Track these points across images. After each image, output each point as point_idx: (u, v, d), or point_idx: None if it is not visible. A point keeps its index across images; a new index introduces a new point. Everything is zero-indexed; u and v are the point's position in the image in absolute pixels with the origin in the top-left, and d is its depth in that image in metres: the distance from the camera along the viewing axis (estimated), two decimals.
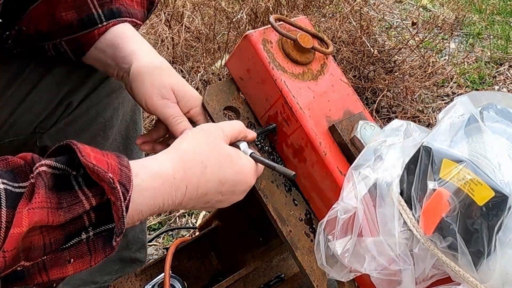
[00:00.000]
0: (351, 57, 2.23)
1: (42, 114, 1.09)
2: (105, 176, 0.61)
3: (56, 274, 0.62)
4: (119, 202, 0.62)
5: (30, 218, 0.57)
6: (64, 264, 0.62)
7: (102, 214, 0.64)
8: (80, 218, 0.62)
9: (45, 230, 0.60)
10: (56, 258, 0.61)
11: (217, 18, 2.46)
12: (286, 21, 0.90)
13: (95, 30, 0.97)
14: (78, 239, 0.62)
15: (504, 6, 3.33)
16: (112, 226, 0.63)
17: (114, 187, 0.62)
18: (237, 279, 1.09)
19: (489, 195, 0.65)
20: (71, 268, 0.63)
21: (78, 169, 0.64)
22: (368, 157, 0.79)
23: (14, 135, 1.09)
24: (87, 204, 0.62)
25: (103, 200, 0.63)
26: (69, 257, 0.62)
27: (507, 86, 2.63)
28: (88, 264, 0.64)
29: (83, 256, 0.63)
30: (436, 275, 0.74)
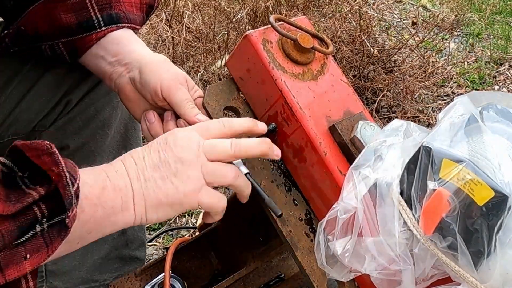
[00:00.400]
0: (351, 57, 2.23)
1: (41, 112, 1.09)
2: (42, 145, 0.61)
3: (12, 273, 0.60)
4: (61, 168, 0.61)
5: None
6: (20, 261, 0.60)
7: (54, 205, 0.62)
8: (30, 209, 0.61)
9: None
10: (11, 254, 0.59)
11: (217, 18, 2.46)
12: (286, 21, 0.90)
13: (93, 34, 0.97)
14: (33, 233, 0.60)
15: (504, 6, 3.33)
16: (65, 215, 0.62)
17: (52, 152, 0.61)
18: (237, 279, 1.09)
19: (489, 195, 0.65)
20: (28, 264, 0.61)
21: (24, 171, 0.63)
22: (368, 157, 0.79)
23: (13, 134, 1.09)
24: (36, 194, 0.61)
25: (51, 188, 0.62)
26: (24, 253, 0.60)
27: (507, 86, 2.63)
28: (46, 255, 0.62)
29: (40, 249, 0.61)
30: (436, 275, 0.74)
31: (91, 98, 1.13)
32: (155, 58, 0.95)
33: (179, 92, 0.90)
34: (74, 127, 1.14)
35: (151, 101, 0.93)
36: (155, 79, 0.91)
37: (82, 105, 1.13)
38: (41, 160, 0.62)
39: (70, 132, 1.14)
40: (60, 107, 1.10)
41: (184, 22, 2.39)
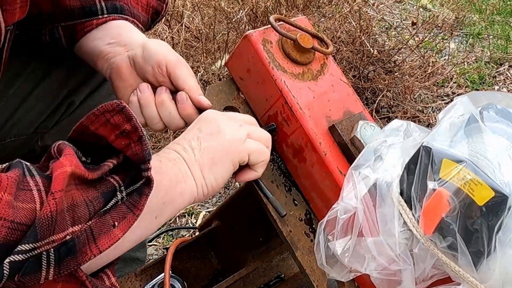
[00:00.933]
0: (351, 57, 2.23)
1: (43, 113, 1.09)
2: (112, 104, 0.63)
3: (106, 243, 0.60)
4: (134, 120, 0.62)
5: (70, 161, 0.57)
6: (110, 229, 0.61)
7: (127, 175, 0.64)
8: (107, 180, 0.62)
9: (80, 188, 0.59)
10: (100, 223, 0.60)
11: (216, 18, 2.46)
12: (286, 21, 0.90)
13: (94, 20, 0.96)
14: (115, 200, 0.62)
15: (504, 6, 3.33)
16: (140, 184, 0.63)
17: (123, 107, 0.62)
18: (237, 279, 1.09)
19: (489, 195, 0.65)
20: (118, 231, 0.61)
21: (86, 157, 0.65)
22: (368, 157, 0.79)
23: (15, 135, 1.09)
24: (110, 164, 0.63)
25: (120, 159, 0.64)
26: (112, 220, 0.61)
27: (507, 86, 2.63)
28: (134, 218, 0.63)
29: (125, 215, 0.62)
30: (436, 275, 0.74)
31: (93, 100, 1.13)
32: (158, 42, 0.93)
33: (185, 68, 0.88)
34: None
35: (151, 75, 0.90)
36: (161, 54, 0.89)
37: (85, 107, 1.12)
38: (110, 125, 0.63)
39: None
40: (62, 108, 1.10)
41: (183, 22, 2.39)
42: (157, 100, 0.87)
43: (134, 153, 0.63)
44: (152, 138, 2.06)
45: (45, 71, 1.06)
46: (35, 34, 1.00)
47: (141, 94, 0.89)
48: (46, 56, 1.04)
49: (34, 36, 1.00)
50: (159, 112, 0.87)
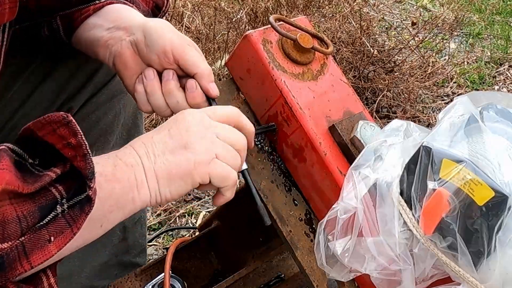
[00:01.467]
0: (351, 57, 2.23)
1: None
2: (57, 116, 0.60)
3: (38, 258, 0.58)
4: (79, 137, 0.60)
5: (1, 178, 0.54)
6: (44, 245, 0.58)
7: (72, 186, 0.61)
8: (48, 190, 0.60)
9: (15, 202, 0.57)
10: (35, 238, 0.58)
11: (217, 18, 2.46)
12: (286, 21, 0.90)
13: (91, 6, 0.93)
14: (54, 214, 0.59)
15: (504, 6, 3.33)
16: (84, 195, 0.60)
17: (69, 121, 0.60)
18: (237, 279, 1.09)
19: (489, 195, 0.65)
20: (53, 247, 0.59)
21: (34, 158, 0.62)
22: (368, 157, 0.79)
23: (14, 139, 1.08)
24: (53, 174, 0.60)
25: (66, 168, 0.61)
26: (48, 235, 0.58)
27: (507, 86, 2.63)
28: (70, 235, 0.60)
29: (63, 230, 0.60)
30: (436, 275, 0.74)
31: (92, 105, 1.11)
32: (158, 21, 0.88)
33: (192, 51, 0.83)
34: None
35: (157, 64, 0.85)
36: (164, 39, 0.84)
37: (83, 112, 1.11)
38: (56, 135, 0.60)
39: None
40: None
41: (183, 22, 2.38)
42: (164, 89, 0.83)
43: (79, 166, 0.61)
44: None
45: (43, 76, 1.05)
46: (34, 30, 0.98)
47: (146, 81, 0.84)
48: (45, 58, 1.04)
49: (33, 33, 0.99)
50: (167, 100, 0.83)
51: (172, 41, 0.83)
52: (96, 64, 1.09)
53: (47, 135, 0.61)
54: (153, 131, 0.75)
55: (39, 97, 1.06)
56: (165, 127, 0.75)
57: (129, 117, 1.18)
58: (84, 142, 0.61)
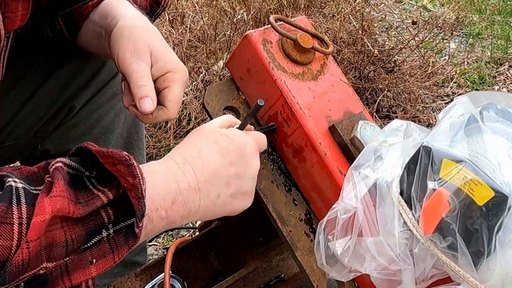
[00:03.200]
0: (352, 57, 2.23)
1: (44, 117, 1.09)
2: (120, 156, 0.60)
3: (79, 277, 0.60)
4: (137, 180, 0.60)
5: (53, 206, 0.56)
6: (86, 266, 0.60)
7: (120, 210, 0.62)
8: (98, 213, 0.61)
9: (66, 225, 0.58)
10: (78, 259, 0.59)
11: (219, 19, 2.46)
12: (286, 21, 0.90)
13: (89, 2, 0.93)
14: (99, 238, 0.60)
15: (504, 6, 3.33)
16: (131, 222, 0.62)
17: (130, 164, 0.60)
18: (237, 279, 1.09)
19: (489, 195, 0.65)
20: (94, 269, 0.61)
21: (91, 171, 0.63)
22: (368, 157, 0.79)
23: (15, 138, 1.08)
24: (104, 198, 0.61)
25: (119, 194, 0.62)
26: (91, 257, 0.60)
27: (507, 86, 2.63)
28: (112, 261, 0.62)
29: (105, 255, 0.61)
30: (436, 275, 0.74)
31: (94, 104, 1.12)
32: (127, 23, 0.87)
33: (132, 64, 0.82)
34: (76, 132, 1.13)
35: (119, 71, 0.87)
36: (115, 48, 0.84)
37: (85, 111, 1.12)
38: (116, 168, 0.61)
39: (73, 138, 1.13)
40: (63, 113, 1.10)
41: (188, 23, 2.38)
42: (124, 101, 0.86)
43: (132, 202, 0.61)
44: (152, 138, 2.06)
45: (46, 75, 1.06)
46: (36, 32, 0.99)
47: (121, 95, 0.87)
48: (48, 59, 1.04)
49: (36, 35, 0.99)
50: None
51: (118, 52, 0.84)
52: (98, 64, 1.09)
53: (107, 164, 0.62)
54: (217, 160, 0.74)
55: (42, 95, 1.06)
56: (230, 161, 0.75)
57: (130, 116, 1.19)
58: (140, 185, 0.61)
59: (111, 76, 1.12)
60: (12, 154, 1.12)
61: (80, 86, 1.09)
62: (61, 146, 1.13)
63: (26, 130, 1.08)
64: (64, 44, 1.00)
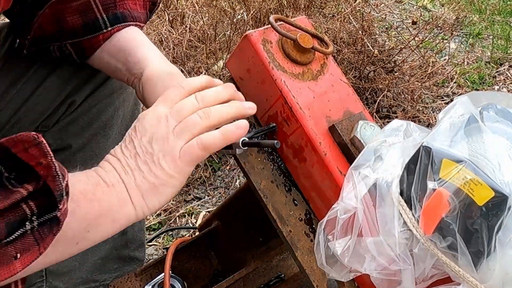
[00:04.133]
0: (352, 57, 2.23)
1: (45, 112, 1.10)
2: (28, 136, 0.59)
3: (3, 274, 0.58)
4: (49, 158, 0.59)
5: None
6: (10, 261, 0.58)
7: (43, 202, 0.61)
8: (19, 206, 0.59)
9: None
10: (0, 254, 0.57)
11: (218, 19, 2.46)
12: (286, 21, 0.90)
13: (99, 35, 0.98)
14: (22, 231, 0.59)
15: (504, 6, 3.33)
16: (55, 213, 0.60)
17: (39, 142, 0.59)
18: (237, 279, 1.09)
19: (489, 195, 0.65)
20: (19, 264, 0.58)
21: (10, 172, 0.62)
22: (368, 157, 0.79)
23: (17, 133, 1.09)
24: (24, 191, 0.60)
25: (39, 185, 0.61)
26: (14, 252, 0.58)
27: (507, 86, 2.63)
28: (37, 253, 0.60)
29: (30, 247, 0.59)
30: (436, 275, 0.74)
31: (94, 99, 1.13)
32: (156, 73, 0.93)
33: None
34: (76, 127, 1.14)
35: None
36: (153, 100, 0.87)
37: (85, 106, 1.13)
38: (28, 153, 0.60)
39: (73, 132, 1.14)
40: (63, 107, 1.11)
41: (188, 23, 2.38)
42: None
43: (50, 187, 0.60)
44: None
45: (49, 71, 1.07)
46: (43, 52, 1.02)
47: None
48: (50, 56, 1.05)
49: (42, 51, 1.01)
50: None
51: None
52: None
53: (20, 152, 0.61)
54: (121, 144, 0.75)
55: (43, 92, 1.07)
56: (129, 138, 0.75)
57: (128, 113, 1.21)
58: (53, 164, 0.60)
59: None
60: None
61: (81, 81, 1.10)
62: (62, 140, 1.14)
63: (28, 125, 1.09)
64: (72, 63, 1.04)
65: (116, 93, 1.15)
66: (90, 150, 1.18)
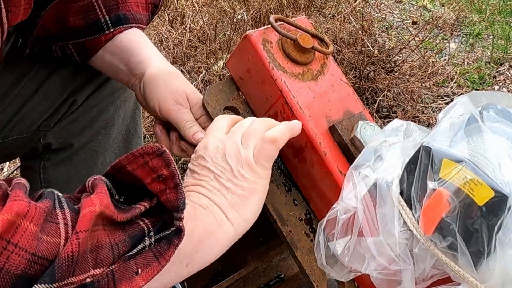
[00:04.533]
0: (352, 57, 2.24)
1: (47, 112, 1.10)
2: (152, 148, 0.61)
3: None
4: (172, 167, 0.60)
5: (101, 200, 0.55)
6: (132, 276, 0.57)
7: (157, 221, 0.61)
8: (137, 223, 0.60)
9: (107, 229, 0.57)
10: (124, 268, 0.57)
11: (219, 19, 2.46)
12: (286, 21, 0.90)
13: (102, 36, 0.99)
14: (142, 246, 0.59)
15: (504, 6, 3.33)
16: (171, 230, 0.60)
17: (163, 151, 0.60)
18: (237, 279, 1.09)
19: (489, 195, 0.64)
20: (140, 279, 0.58)
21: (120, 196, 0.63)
22: (368, 157, 0.79)
23: (18, 133, 1.09)
24: (141, 207, 0.60)
25: (153, 204, 0.61)
26: (136, 267, 0.58)
27: (507, 86, 2.63)
28: (158, 268, 0.59)
29: (150, 263, 0.59)
30: (436, 275, 0.74)
31: (95, 99, 1.14)
32: (158, 72, 0.95)
33: (177, 113, 0.91)
34: (78, 126, 1.15)
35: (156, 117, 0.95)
36: (155, 99, 0.93)
37: (87, 105, 1.14)
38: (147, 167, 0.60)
39: (74, 132, 1.15)
40: (65, 107, 1.12)
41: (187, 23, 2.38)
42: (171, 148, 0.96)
43: (169, 199, 0.60)
44: (152, 138, 2.06)
45: (50, 71, 1.08)
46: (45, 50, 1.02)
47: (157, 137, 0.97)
48: (52, 56, 1.05)
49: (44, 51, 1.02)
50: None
51: (160, 103, 0.93)
52: None
53: (137, 169, 0.61)
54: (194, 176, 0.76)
55: (45, 92, 1.08)
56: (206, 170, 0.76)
57: (128, 113, 1.21)
58: (176, 172, 0.61)
59: None
60: (15, 148, 1.13)
61: (83, 81, 1.11)
62: (63, 139, 1.15)
63: (29, 125, 1.10)
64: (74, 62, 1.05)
65: (117, 93, 1.16)
66: (91, 149, 1.18)
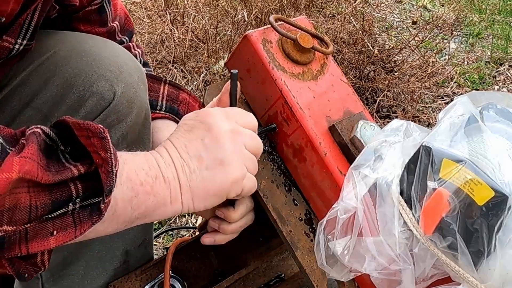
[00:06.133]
0: (352, 57, 2.24)
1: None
2: (95, 128, 0.61)
3: (36, 246, 0.60)
4: (109, 154, 0.61)
5: (21, 166, 0.56)
6: (46, 236, 0.60)
7: (89, 187, 0.62)
8: (67, 185, 0.61)
9: (32, 190, 0.58)
10: (39, 228, 0.59)
11: (220, 19, 2.46)
12: (286, 21, 0.90)
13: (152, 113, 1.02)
14: (64, 210, 0.60)
15: (504, 6, 3.33)
16: (99, 199, 0.62)
17: (104, 137, 0.61)
18: (237, 279, 1.09)
19: (489, 195, 0.65)
20: (53, 240, 0.60)
21: (66, 146, 0.63)
22: (368, 157, 0.79)
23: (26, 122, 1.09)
24: (75, 171, 0.61)
25: (91, 169, 0.62)
26: (52, 228, 0.60)
27: (507, 86, 2.63)
28: (73, 235, 0.61)
29: (67, 228, 0.61)
30: (436, 275, 0.74)
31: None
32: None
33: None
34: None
35: None
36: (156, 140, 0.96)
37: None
38: (90, 141, 0.62)
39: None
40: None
41: (188, 22, 2.38)
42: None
43: (102, 177, 0.61)
44: None
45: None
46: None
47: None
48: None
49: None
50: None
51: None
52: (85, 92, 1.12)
53: (82, 136, 0.62)
54: (185, 137, 0.76)
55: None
56: (197, 134, 0.75)
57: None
58: (111, 160, 0.61)
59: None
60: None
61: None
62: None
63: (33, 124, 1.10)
64: None
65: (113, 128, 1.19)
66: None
